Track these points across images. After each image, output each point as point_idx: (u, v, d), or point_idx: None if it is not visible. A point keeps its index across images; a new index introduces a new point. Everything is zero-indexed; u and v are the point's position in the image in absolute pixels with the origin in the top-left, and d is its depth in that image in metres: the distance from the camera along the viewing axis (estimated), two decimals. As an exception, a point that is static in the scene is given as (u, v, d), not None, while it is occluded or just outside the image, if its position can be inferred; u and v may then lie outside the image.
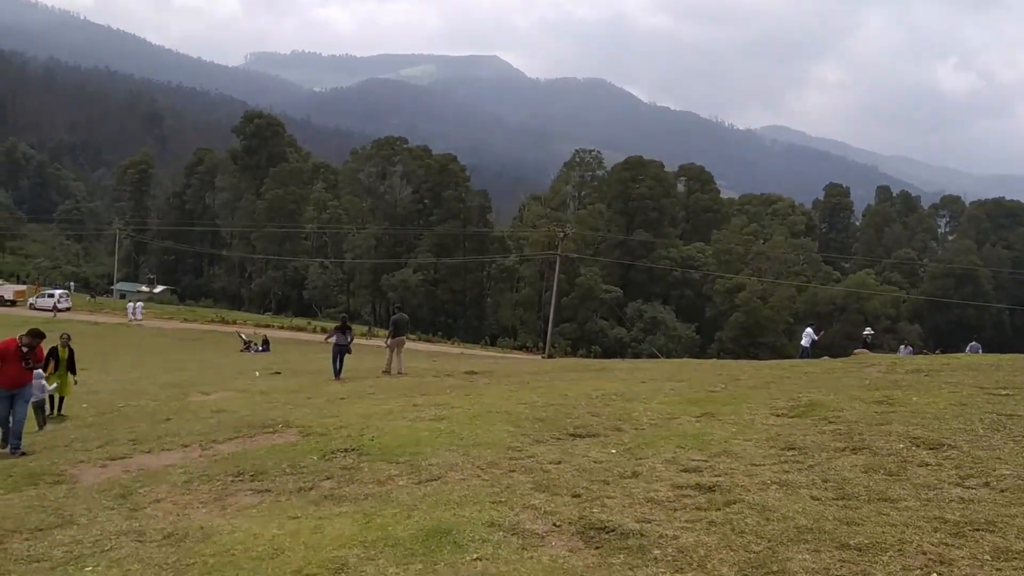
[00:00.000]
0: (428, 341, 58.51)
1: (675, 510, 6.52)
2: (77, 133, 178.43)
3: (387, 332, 22.20)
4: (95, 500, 7.93)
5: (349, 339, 20.61)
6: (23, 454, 10.93)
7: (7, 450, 11.09)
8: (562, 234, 52.82)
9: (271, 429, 11.31)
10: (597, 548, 5.81)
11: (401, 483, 7.88)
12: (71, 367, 15.47)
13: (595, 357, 52.32)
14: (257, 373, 22.55)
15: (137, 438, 11.37)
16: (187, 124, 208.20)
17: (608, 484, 7.38)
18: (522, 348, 61.38)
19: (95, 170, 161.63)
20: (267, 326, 56.19)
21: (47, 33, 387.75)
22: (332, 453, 9.28)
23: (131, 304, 59.96)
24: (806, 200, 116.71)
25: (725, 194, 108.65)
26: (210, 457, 9.77)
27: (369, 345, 39.72)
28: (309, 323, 62.55)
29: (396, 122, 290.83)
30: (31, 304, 61.78)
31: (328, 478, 8.28)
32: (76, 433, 12.58)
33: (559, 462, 8.29)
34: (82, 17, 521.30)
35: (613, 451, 8.73)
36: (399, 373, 20.14)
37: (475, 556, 5.65)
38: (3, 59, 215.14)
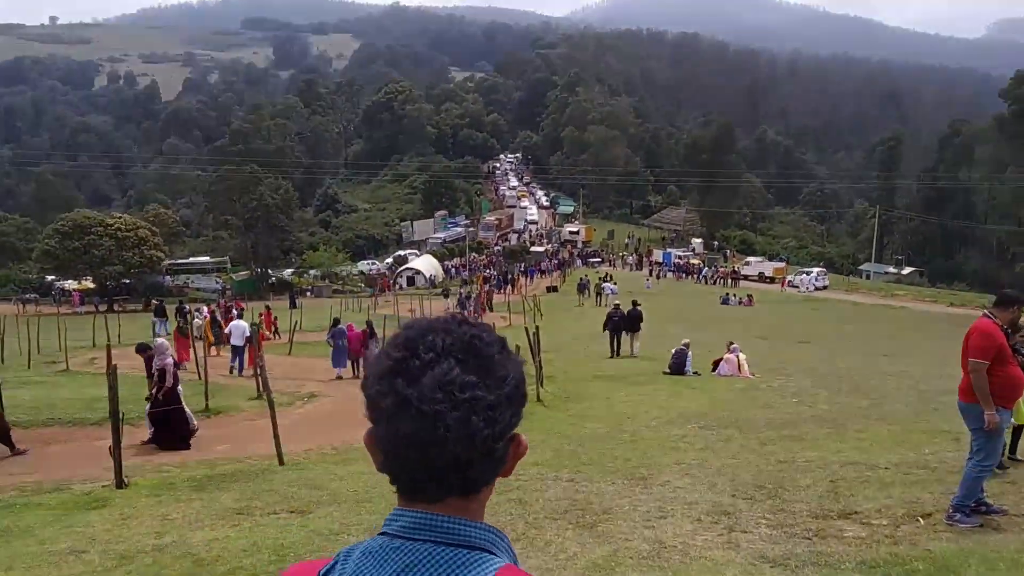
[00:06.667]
0: None
1: None
2: (818, 118, 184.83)
3: None
4: None
5: None
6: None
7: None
8: None
9: None
10: None
11: None
12: None
13: None
14: None
15: None
16: (925, 101, 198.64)
17: None
18: None
19: (835, 153, 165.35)
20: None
21: (790, 28, 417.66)
22: None
23: (806, 277, 62.94)
24: None
25: None
26: None
27: None
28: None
29: None
30: (789, 282, 63.77)
31: None
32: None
33: None
34: (822, 10, 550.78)
35: None
36: None
37: None
38: (753, 56, 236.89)
